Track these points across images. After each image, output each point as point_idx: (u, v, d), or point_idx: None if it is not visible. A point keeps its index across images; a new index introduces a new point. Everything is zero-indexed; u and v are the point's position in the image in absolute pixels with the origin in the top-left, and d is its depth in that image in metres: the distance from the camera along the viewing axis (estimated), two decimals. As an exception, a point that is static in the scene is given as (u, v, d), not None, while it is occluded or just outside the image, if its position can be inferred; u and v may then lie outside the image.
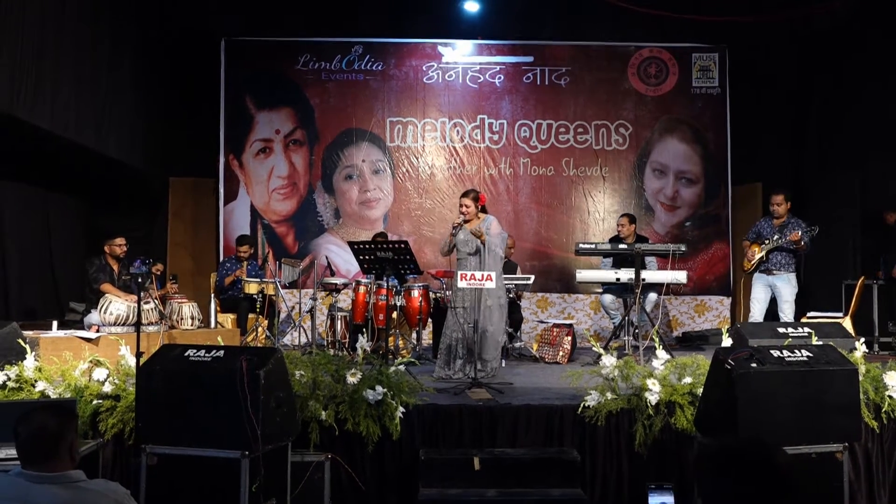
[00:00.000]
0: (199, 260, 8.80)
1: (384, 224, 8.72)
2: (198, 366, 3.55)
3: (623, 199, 8.82)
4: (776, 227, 6.71)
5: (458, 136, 8.83)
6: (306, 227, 8.74)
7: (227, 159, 8.70)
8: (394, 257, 5.47)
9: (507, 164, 8.82)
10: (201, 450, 3.44)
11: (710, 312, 8.74)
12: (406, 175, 8.81)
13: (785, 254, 6.59)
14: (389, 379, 4.19)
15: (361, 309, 6.73)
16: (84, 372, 4.37)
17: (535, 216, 8.82)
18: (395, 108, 8.84)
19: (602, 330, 8.52)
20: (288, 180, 8.76)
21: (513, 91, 8.90)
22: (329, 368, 4.23)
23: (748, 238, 6.90)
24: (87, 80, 6.72)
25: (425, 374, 5.41)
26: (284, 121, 8.80)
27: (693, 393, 4.16)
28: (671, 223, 8.84)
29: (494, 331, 5.60)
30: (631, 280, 6.36)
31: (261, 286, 7.05)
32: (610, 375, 4.28)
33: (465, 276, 5.14)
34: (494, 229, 5.72)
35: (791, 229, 6.55)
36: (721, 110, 8.85)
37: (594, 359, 6.00)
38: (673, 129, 8.88)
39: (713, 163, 8.86)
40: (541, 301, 8.70)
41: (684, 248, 6.45)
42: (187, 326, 6.12)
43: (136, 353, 4.15)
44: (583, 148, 8.85)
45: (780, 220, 6.71)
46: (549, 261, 8.79)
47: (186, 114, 8.47)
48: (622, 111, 8.88)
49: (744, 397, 3.47)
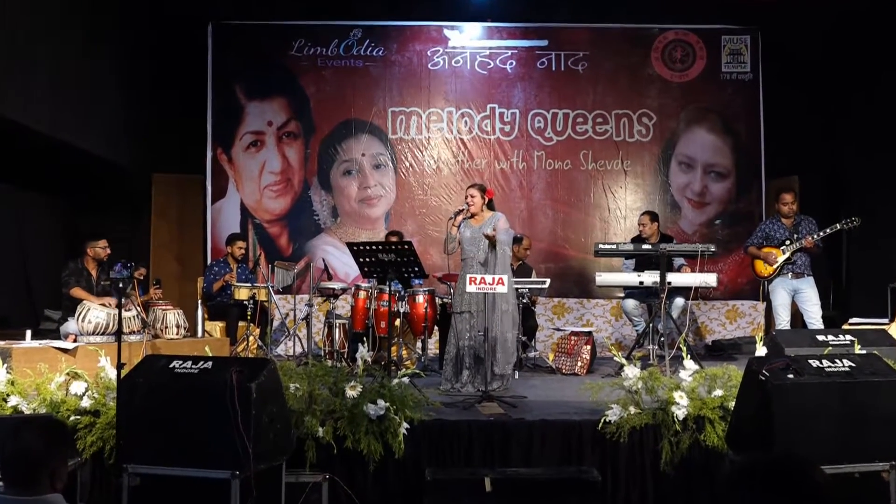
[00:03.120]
0: (185, 263, 8.82)
1: (385, 223, 8.73)
2: (184, 378, 3.55)
3: (646, 196, 8.80)
4: (789, 228, 6.72)
5: (466, 127, 8.84)
6: (301, 227, 8.76)
7: (214, 154, 8.72)
8: (396, 259, 5.48)
9: (520, 157, 8.82)
10: (188, 470, 3.44)
11: (742, 319, 8.72)
12: (410, 170, 8.82)
13: (807, 254, 6.64)
14: (392, 392, 4.19)
15: (361, 316, 6.73)
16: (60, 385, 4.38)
17: (550, 214, 8.82)
18: (398, 96, 8.85)
19: (624, 338, 8.50)
20: (281, 176, 8.78)
21: (525, 78, 8.89)
22: (327, 381, 4.23)
23: (753, 242, 6.90)
24: (63, 69, 6.75)
25: (431, 386, 5.41)
26: (277, 111, 8.82)
27: (724, 407, 4.15)
28: (699, 221, 8.81)
29: (506, 339, 5.60)
30: (656, 283, 6.35)
31: (252, 291, 7.07)
32: (633, 388, 4.27)
33: (475, 280, 5.14)
34: (502, 226, 5.72)
35: (805, 230, 6.58)
36: (753, 97, 8.82)
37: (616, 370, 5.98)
38: (701, 119, 8.86)
39: (745, 155, 8.83)
40: (557, 307, 8.69)
41: (714, 249, 6.44)
42: (172, 335, 6.13)
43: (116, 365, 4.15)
44: (602, 139, 8.84)
45: (791, 221, 6.73)
46: (565, 263, 8.78)
47: (171, 105, 8.48)
48: (645, 99, 8.86)
49: (780, 412, 3.46)
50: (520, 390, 5.58)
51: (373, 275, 5.83)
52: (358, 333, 6.68)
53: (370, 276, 6.12)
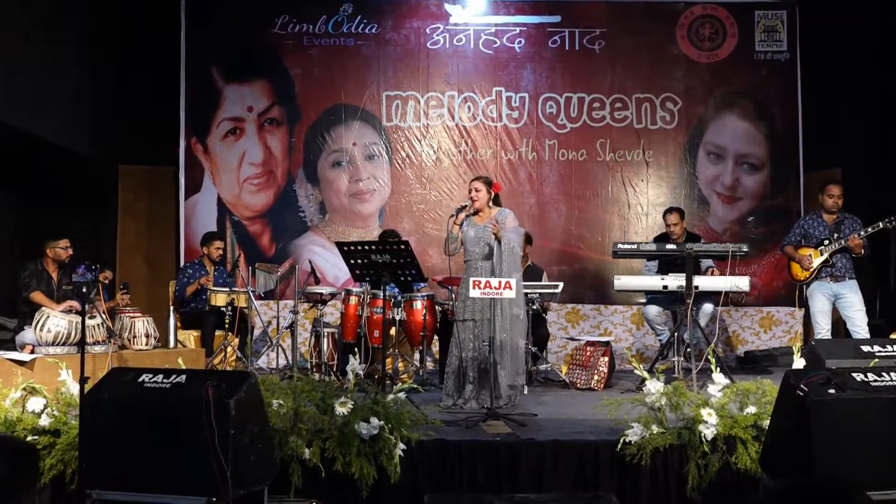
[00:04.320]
0: (156, 265, 8.82)
1: (379, 220, 8.73)
2: (154, 394, 3.56)
3: (671, 190, 8.80)
4: (829, 226, 6.71)
5: (469, 113, 8.84)
6: (285, 225, 8.77)
7: (188, 143, 8.73)
8: (392, 261, 5.48)
9: (530, 146, 8.82)
10: (159, 496, 3.44)
11: (778, 327, 8.72)
12: (406, 161, 8.82)
13: (848, 256, 6.63)
14: (387, 409, 4.20)
15: (352, 324, 6.74)
16: (16, 402, 4.38)
17: (563, 210, 8.82)
18: (393, 79, 8.85)
19: (646, 349, 8.50)
20: (263, 168, 8.78)
21: (536, 58, 8.90)
22: (313, 397, 4.24)
23: (790, 241, 6.91)
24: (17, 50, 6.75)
25: (431, 402, 5.39)
26: (258, 96, 8.83)
27: (758, 426, 4.15)
28: (730, 218, 8.82)
29: (516, 349, 5.59)
30: (681, 288, 6.35)
31: (230, 297, 7.07)
32: (656, 404, 4.27)
33: (479, 284, 5.13)
34: (510, 224, 5.72)
35: (847, 229, 6.57)
36: (790, 80, 8.82)
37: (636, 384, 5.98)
38: (732, 104, 8.86)
39: (781, 144, 8.83)
40: (571, 314, 8.69)
41: (746, 249, 6.44)
42: (141, 346, 6.14)
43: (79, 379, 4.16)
44: (622, 127, 8.84)
45: (833, 217, 6.73)
46: (580, 265, 8.78)
47: (139, 89, 8.48)
48: (669, 82, 8.86)
49: (820, 431, 3.46)
50: (529, 407, 5.58)
51: (365, 278, 5.83)
52: (348, 344, 6.68)
53: (362, 280, 6.12)
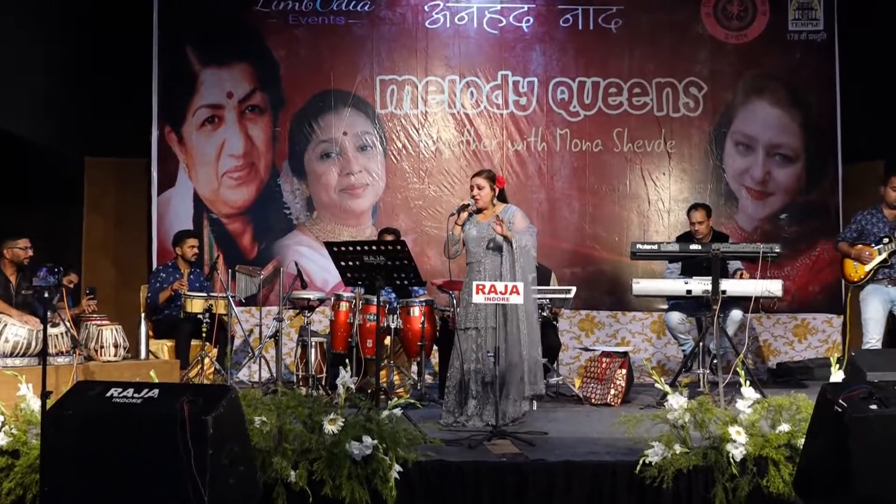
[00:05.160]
0: (125, 268, 8.82)
1: (373, 218, 8.74)
2: (124, 410, 3.56)
3: (695, 184, 8.80)
4: (890, 222, 6.70)
5: (472, 99, 8.84)
6: (269, 224, 8.76)
7: (161, 132, 8.73)
8: (386, 263, 5.49)
9: (539, 136, 8.82)
10: (129, 523, 3.45)
11: (814, 336, 8.71)
12: (402, 152, 8.82)
13: None
14: (381, 427, 4.20)
15: (343, 333, 6.74)
16: (-29, 419, 4.38)
17: (576, 207, 8.82)
18: (388, 62, 8.85)
19: (668, 360, 8.50)
20: (244, 160, 8.78)
21: (546, 39, 8.90)
22: (300, 413, 4.24)
23: (844, 237, 6.92)
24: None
25: (430, 420, 5.42)
26: (239, 80, 8.83)
27: (792, 445, 4.15)
28: (761, 215, 8.81)
29: (522, 361, 5.59)
30: (707, 292, 6.35)
31: (207, 303, 7.07)
32: (679, 422, 4.28)
33: (483, 289, 5.13)
34: (519, 223, 5.71)
35: None
36: (827, 63, 8.82)
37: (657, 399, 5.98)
38: (762, 89, 8.86)
39: (817, 133, 8.83)
40: (585, 321, 8.70)
41: (779, 250, 6.44)
42: (109, 357, 6.14)
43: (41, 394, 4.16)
44: (641, 115, 8.84)
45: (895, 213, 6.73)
46: (595, 267, 8.78)
47: (108, 73, 8.48)
48: (694, 65, 8.85)
49: (860, 450, 3.47)
50: (539, 425, 5.58)
51: (357, 282, 5.83)
52: (339, 355, 6.67)
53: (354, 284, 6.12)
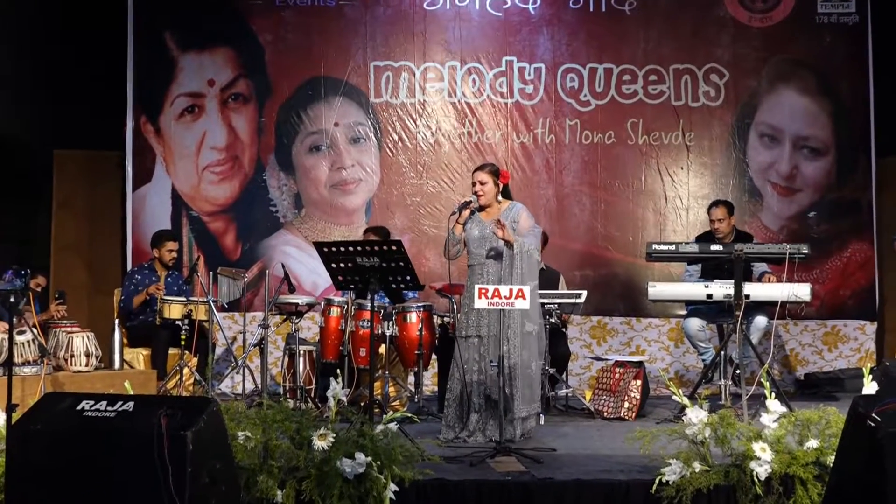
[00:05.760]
0: (98, 270, 8.81)
1: (367, 216, 8.73)
2: (96, 424, 3.55)
3: (716, 179, 8.80)
4: None
5: (474, 87, 8.84)
6: (253, 222, 8.76)
7: (137, 123, 8.72)
8: (381, 265, 5.48)
9: (547, 127, 8.82)
10: (102, 547, 3.44)
11: (845, 344, 8.71)
12: (398, 145, 8.82)
13: None
14: (376, 443, 4.20)
15: (334, 341, 6.73)
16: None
17: (587, 204, 8.81)
18: (383, 47, 8.85)
19: (686, 370, 8.50)
20: (226, 153, 8.78)
21: (554, 22, 8.90)
22: (287, 428, 4.23)
23: None
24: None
25: (428, 435, 5.41)
26: (221, 67, 8.82)
27: (821, 463, 4.15)
28: (788, 213, 8.80)
29: (529, 371, 5.59)
30: (729, 297, 6.34)
31: (187, 308, 7.07)
32: (698, 437, 4.27)
33: (485, 293, 5.12)
34: (524, 223, 5.71)
35: None
36: (860, 48, 8.81)
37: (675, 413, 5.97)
38: (789, 76, 8.86)
39: (848, 124, 8.82)
40: (596, 328, 8.69)
41: (807, 251, 6.43)
42: (80, 367, 6.13)
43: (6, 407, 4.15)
44: (657, 104, 8.84)
45: None
46: (607, 269, 8.77)
47: (79, 59, 8.48)
48: (715, 50, 8.85)
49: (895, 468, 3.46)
50: (546, 440, 5.58)
51: (349, 286, 5.82)
52: (329, 364, 6.67)
53: (345, 288, 6.12)
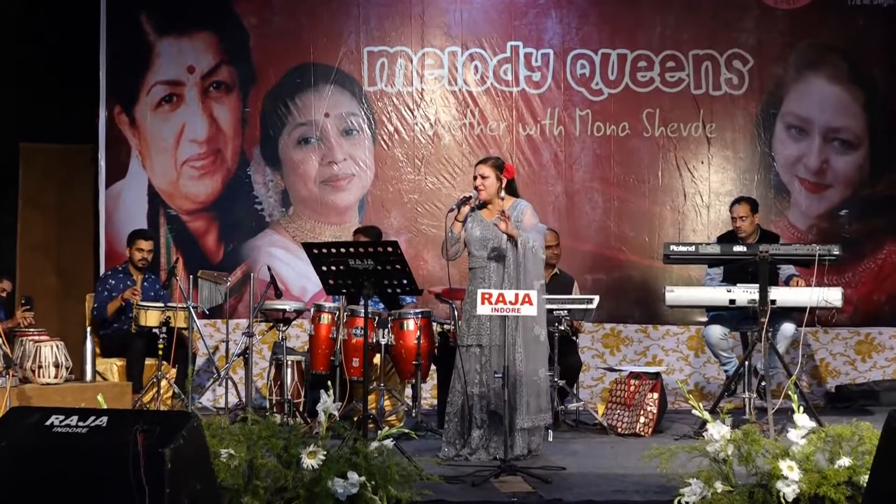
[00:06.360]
0: (68, 274, 8.81)
1: (360, 214, 8.73)
2: (67, 441, 3.55)
3: (739, 175, 8.80)
4: None
5: (476, 75, 8.84)
6: (237, 221, 8.76)
7: (110, 114, 8.71)
8: (375, 268, 5.48)
9: (555, 118, 8.81)
10: (72, 574, 3.44)
11: (880, 354, 8.70)
12: (394, 137, 8.81)
13: None
14: (370, 461, 4.20)
15: (325, 350, 6.73)
16: None
17: (599, 202, 8.81)
18: (377, 31, 8.85)
19: (707, 382, 8.49)
20: (208, 146, 8.77)
21: (563, 4, 8.90)
22: (274, 445, 4.23)
23: None
24: None
25: (427, 452, 5.43)
26: (202, 52, 8.82)
27: (853, 483, 4.15)
28: (817, 212, 8.81)
29: (536, 382, 5.59)
30: (753, 302, 6.35)
31: (165, 315, 7.07)
32: (720, 455, 4.27)
33: (489, 298, 5.12)
34: (528, 220, 5.71)
35: None
36: (894, 32, 8.83)
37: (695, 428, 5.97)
38: (818, 63, 8.86)
39: (883, 114, 8.83)
40: (609, 337, 8.69)
41: (839, 252, 6.43)
42: (49, 378, 6.13)
43: (-32, 422, 4.15)
44: (676, 93, 8.84)
45: None
46: (621, 272, 8.77)
47: (48, 45, 8.48)
48: (738, 34, 8.85)
49: (935, 489, 3.47)
50: (555, 458, 5.58)
51: (341, 290, 5.83)
52: (319, 376, 6.66)
53: (337, 293, 6.12)
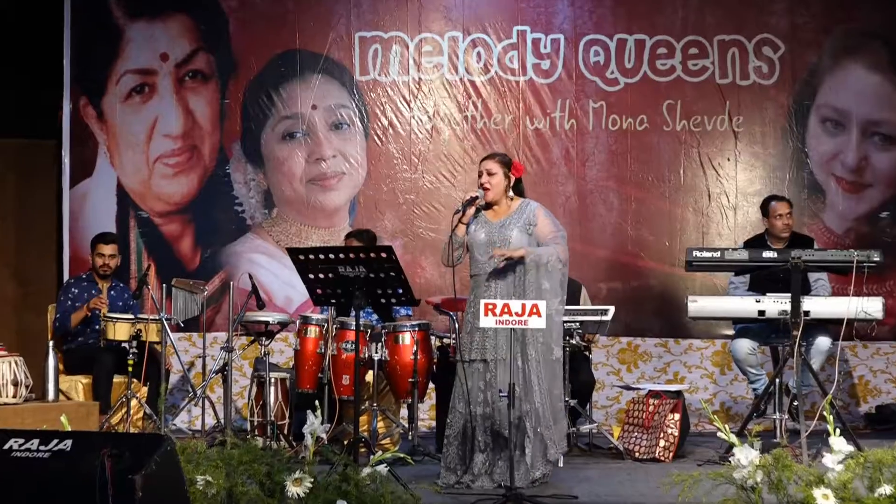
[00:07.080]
0: (28, 282, 8.82)
1: (351, 216, 8.73)
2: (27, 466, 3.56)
3: (769, 172, 8.80)
4: None
5: (479, 63, 8.85)
6: (215, 225, 8.77)
7: (75, 106, 8.72)
8: (368, 276, 5.49)
9: (567, 111, 8.82)
10: None
11: (925, 371, 8.73)
12: (388, 132, 8.82)
13: None
14: (361, 489, 4.21)
15: (312, 366, 6.73)
16: None
17: (614, 203, 8.82)
18: (370, 14, 8.86)
19: (734, 402, 8.50)
20: (183, 141, 8.78)
21: (575, -16, 8.94)
22: (256, 471, 4.24)
23: None
24: None
25: (424, 478, 5.41)
26: (176, 38, 8.84)
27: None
28: (855, 213, 8.81)
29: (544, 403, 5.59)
30: (785, 314, 6.35)
31: (135, 327, 7.07)
32: (749, 482, 4.28)
33: (493, 309, 5.12)
34: (544, 226, 5.70)
35: None
36: (941, 15, 8.86)
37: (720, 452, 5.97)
38: (856, 50, 8.87)
39: (928, 107, 8.85)
40: (626, 352, 8.69)
41: (879, 258, 6.43)
42: (7, 398, 6.14)
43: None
44: (699, 82, 8.85)
45: None
46: (639, 281, 8.78)
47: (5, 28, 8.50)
48: (767, 18, 8.87)
49: None
50: (566, 485, 5.58)
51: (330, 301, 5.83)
52: (306, 395, 6.67)
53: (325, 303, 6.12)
